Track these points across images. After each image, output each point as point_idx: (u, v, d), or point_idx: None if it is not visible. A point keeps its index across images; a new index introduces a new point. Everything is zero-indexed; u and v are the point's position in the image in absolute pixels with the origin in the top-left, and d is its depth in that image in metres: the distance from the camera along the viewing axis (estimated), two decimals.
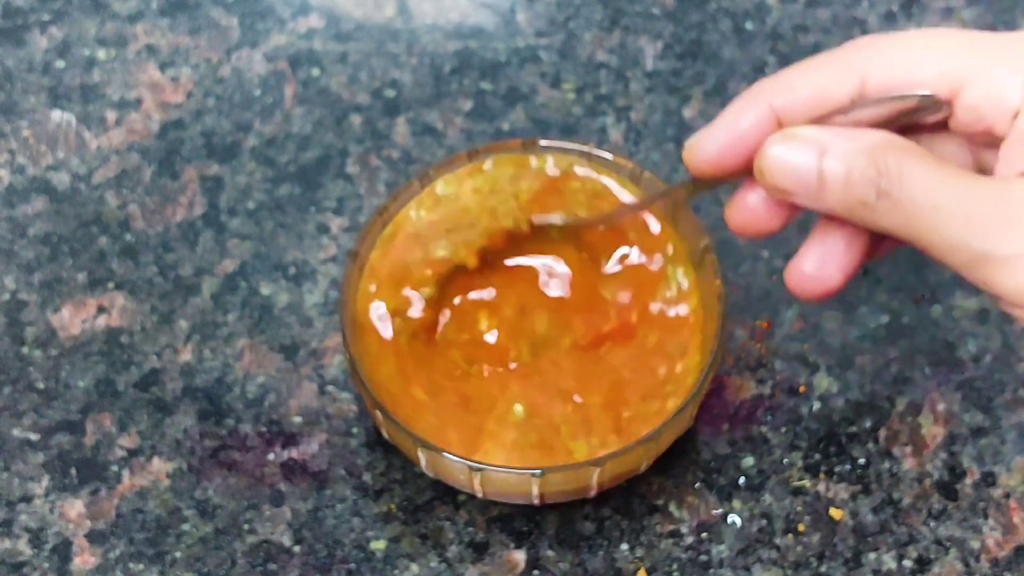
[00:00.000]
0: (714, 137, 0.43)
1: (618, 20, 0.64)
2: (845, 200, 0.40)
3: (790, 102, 0.42)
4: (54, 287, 0.56)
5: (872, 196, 0.40)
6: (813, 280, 0.43)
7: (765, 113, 0.42)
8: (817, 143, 0.40)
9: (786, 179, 0.41)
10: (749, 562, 0.50)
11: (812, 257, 0.43)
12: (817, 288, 0.43)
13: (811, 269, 0.43)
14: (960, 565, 0.50)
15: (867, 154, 0.40)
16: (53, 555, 0.50)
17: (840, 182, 0.40)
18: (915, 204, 0.39)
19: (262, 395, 0.54)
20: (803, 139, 0.41)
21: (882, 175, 0.39)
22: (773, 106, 0.42)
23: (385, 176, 0.59)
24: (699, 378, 0.48)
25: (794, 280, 0.44)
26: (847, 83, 0.41)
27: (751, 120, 0.42)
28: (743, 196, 0.44)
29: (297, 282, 0.56)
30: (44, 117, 0.61)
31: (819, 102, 0.42)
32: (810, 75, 0.42)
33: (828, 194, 0.40)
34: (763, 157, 0.41)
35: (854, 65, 0.42)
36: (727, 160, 0.43)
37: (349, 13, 0.64)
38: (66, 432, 0.53)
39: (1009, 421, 0.53)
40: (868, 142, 0.40)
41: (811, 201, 0.41)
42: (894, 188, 0.39)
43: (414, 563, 0.50)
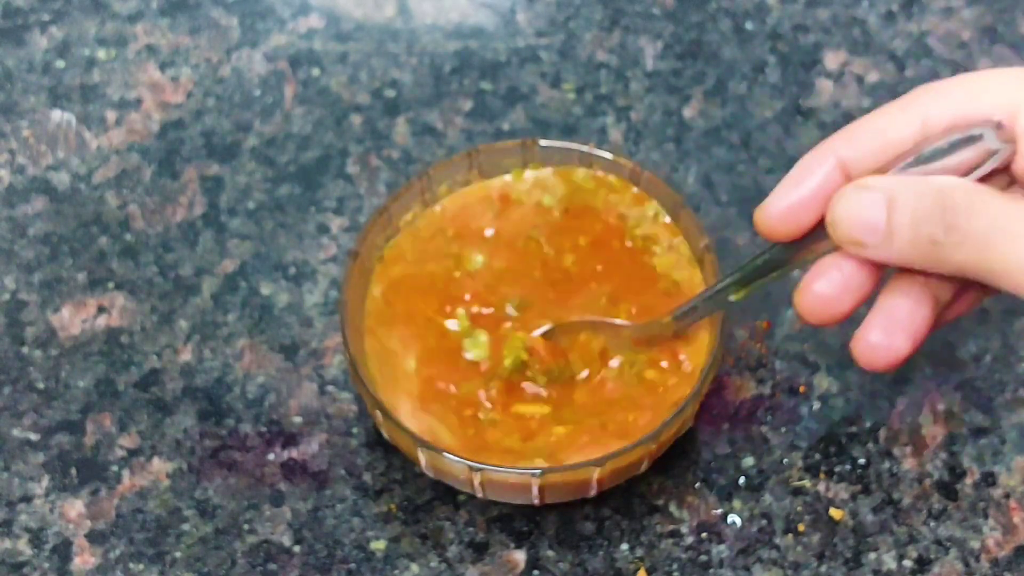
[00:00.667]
0: (786, 196, 0.43)
1: (618, 20, 0.64)
2: (915, 243, 0.40)
3: (855, 153, 0.42)
4: (54, 287, 0.56)
5: (940, 232, 0.40)
6: (881, 350, 0.43)
7: (833, 167, 0.43)
8: (885, 189, 0.41)
9: (856, 229, 0.41)
10: (749, 562, 0.50)
11: (879, 327, 0.43)
12: (886, 358, 0.43)
13: (878, 339, 0.43)
14: (960, 565, 0.50)
15: (933, 193, 0.40)
16: (53, 555, 0.50)
17: (908, 223, 0.40)
18: (984, 233, 0.39)
19: (262, 395, 0.54)
20: (871, 187, 0.41)
21: (948, 210, 0.40)
22: (840, 159, 0.43)
23: (385, 176, 0.59)
24: (699, 378, 0.48)
25: (861, 351, 0.44)
26: (909, 126, 0.42)
27: (819, 176, 0.43)
28: (810, 283, 0.44)
29: (297, 282, 0.56)
30: (44, 117, 0.61)
31: (883, 148, 0.42)
32: (872, 123, 0.43)
33: (897, 238, 0.41)
34: (833, 209, 0.42)
35: (915, 107, 0.42)
36: (800, 219, 0.43)
37: (349, 13, 0.64)
38: (66, 432, 0.53)
39: (1009, 421, 0.53)
40: (935, 184, 0.40)
41: (882, 250, 0.41)
42: (962, 221, 0.39)
43: (414, 563, 0.50)
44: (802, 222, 0.43)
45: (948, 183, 0.40)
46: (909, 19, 0.64)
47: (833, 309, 0.44)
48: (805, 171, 0.43)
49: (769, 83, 0.62)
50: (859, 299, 0.44)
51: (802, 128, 0.60)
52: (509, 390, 0.49)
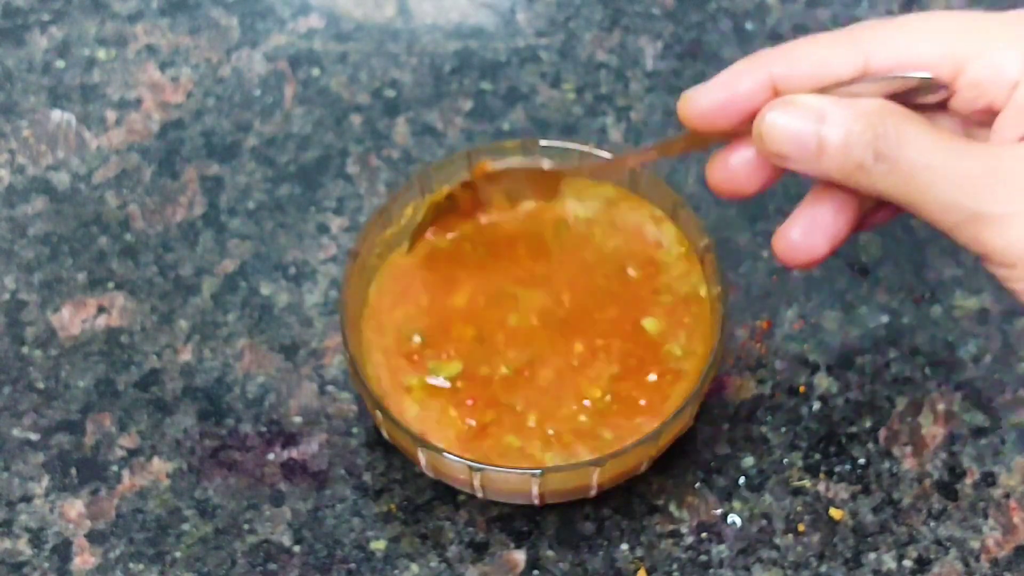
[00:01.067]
0: (710, 93, 0.44)
1: (618, 20, 0.64)
2: (843, 164, 0.41)
3: (791, 72, 0.43)
4: (54, 287, 0.56)
5: (870, 159, 0.40)
6: (799, 248, 0.44)
7: (764, 79, 0.43)
8: (816, 110, 0.41)
9: (785, 144, 0.42)
10: (749, 562, 0.50)
11: (800, 225, 0.44)
12: (803, 256, 0.45)
13: (798, 237, 0.44)
14: (960, 565, 0.50)
15: (865, 118, 0.41)
16: (53, 555, 0.50)
17: (838, 147, 0.41)
18: (911, 166, 0.40)
19: (262, 395, 0.54)
20: (803, 106, 0.42)
21: (879, 138, 0.40)
22: (773, 74, 0.43)
23: (385, 176, 0.59)
24: (699, 378, 0.48)
25: (781, 246, 0.45)
26: (850, 60, 0.42)
27: (749, 83, 0.43)
28: (725, 156, 0.45)
29: (297, 282, 0.56)
30: (44, 117, 0.61)
31: (820, 75, 0.42)
32: (813, 48, 0.43)
33: (826, 159, 0.41)
34: (762, 122, 0.42)
35: (858, 43, 0.42)
36: (720, 117, 0.44)
37: (349, 13, 0.64)
38: (66, 432, 0.53)
39: (1009, 421, 0.53)
40: (867, 108, 0.41)
41: (809, 166, 0.42)
42: (891, 150, 0.40)
43: (414, 563, 0.50)
44: (721, 123, 0.44)
45: (882, 107, 0.41)
46: None
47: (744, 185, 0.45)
48: (736, 75, 0.44)
49: None
50: (768, 180, 0.45)
51: None
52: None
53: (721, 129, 0.44)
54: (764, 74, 0.43)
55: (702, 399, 0.49)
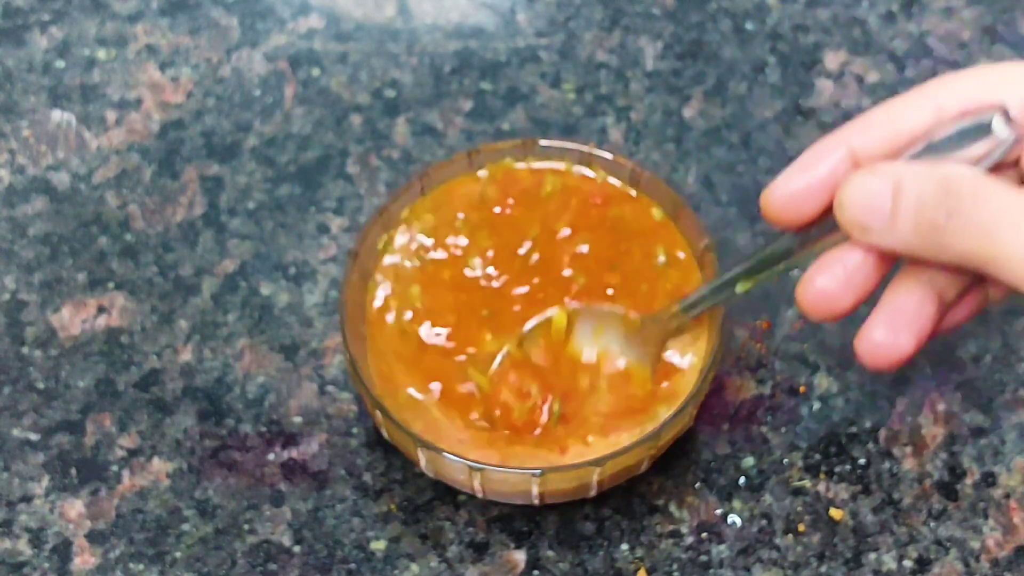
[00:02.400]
0: (793, 181, 0.43)
1: (618, 20, 0.64)
2: (917, 226, 0.40)
3: (866, 141, 0.42)
4: (54, 287, 0.56)
5: (943, 217, 0.40)
6: (885, 348, 0.43)
7: (843, 156, 0.43)
8: (892, 174, 0.41)
9: (862, 212, 0.41)
10: (749, 562, 0.50)
11: (883, 325, 0.43)
12: (889, 356, 0.43)
13: (882, 337, 0.43)
14: (960, 565, 0.50)
15: (937, 178, 0.40)
16: (53, 555, 0.50)
17: (912, 208, 0.40)
18: (988, 219, 0.39)
19: (262, 395, 0.54)
20: (878, 172, 0.41)
21: (952, 195, 0.40)
22: (852, 147, 0.43)
23: (385, 176, 0.59)
24: (699, 378, 0.48)
25: (865, 349, 0.43)
26: (921, 114, 0.42)
27: (829, 163, 0.43)
28: (812, 277, 0.44)
29: (297, 282, 0.56)
30: (44, 117, 0.61)
31: (895, 136, 0.42)
32: (885, 111, 0.43)
33: (901, 223, 0.41)
34: (841, 192, 0.42)
35: (928, 97, 0.42)
36: (805, 205, 0.43)
37: (349, 13, 0.64)
38: (66, 432, 0.53)
39: (1009, 421, 0.53)
40: (941, 170, 0.40)
41: (887, 235, 0.41)
42: (965, 207, 0.39)
43: (414, 563, 0.50)
44: (806, 209, 0.43)
45: (954, 170, 0.40)
46: (909, 19, 0.64)
47: (835, 305, 0.43)
48: (815, 157, 0.43)
49: (769, 83, 0.62)
50: (861, 296, 0.43)
51: (802, 128, 0.60)
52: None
53: (806, 218, 0.43)
54: (842, 150, 0.43)
55: (702, 399, 0.49)
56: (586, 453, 0.48)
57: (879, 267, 0.43)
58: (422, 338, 0.50)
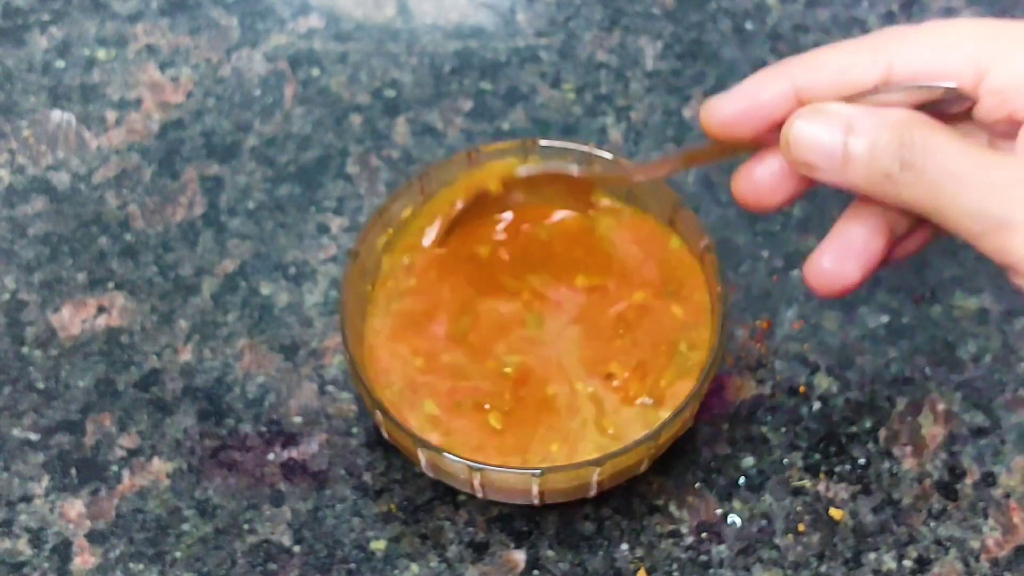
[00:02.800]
0: (733, 101, 0.44)
1: (618, 20, 0.64)
2: (869, 174, 0.41)
3: (814, 81, 0.43)
4: (54, 287, 0.56)
5: (896, 168, 0.40)
6: (832, 275, 0.44)
7: (787, 88, 0.43)
8: (843, 118, 0.41)
9: (812, 153, 0.42)
10: (749, 562, 0.50)
11: (831, 253, 0.44)
12: (836, 284, 0.44)
13: (830, 264, 0.44)
14: (960, 565, 0.50)
15: (892, 128, 0.41)
16: (53, 555, 0.50)
17: (865, 156, 0.41)
18: (938, 175, 0.40)
19: (262, 395, 0.54)
20: (830, 114, 0.42)
21: (906, 147, 0.40)
22: (796, 82, 0.43)
23: (385, 176, 0.59)
24: (699, 378, 0.48)
25: (812, 275, 0.45)
26: (873, 68, 0.42)
27: (772, 91, 0.43)
28: (751, 168, 0.45)
29: (297, 282, 0.56)
30: (44, 117, 0.61)
31: (843, 84, 0.42)
32: (836, 57, 0.43)
33: (852, 168, 0.41)
34: (789, 131, 0.42)
35: (881, 51, 0.42)
36: (742, 126, 0.44)
37: (349, 13, 0.64)
38: (66, 432, 0.53)
39: (1009, 421, 0.53)
40: (893, 118, 0.41)
41: (836, 176, 0.42)
42: (918, 159, 0.40)
43: (414, 563, 0.50)
44: (743, 132, 0.44)
45: (908, 117, 0.41)
46: (909, 19, 0.64)
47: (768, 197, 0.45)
48: (759, 84, 0.44)
49: None
50: (794, 193, 0.45)
51: None
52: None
53: (743, 137, 0.44)
54: (787, 82, 0.43)
55: (702, 399, 0.49)
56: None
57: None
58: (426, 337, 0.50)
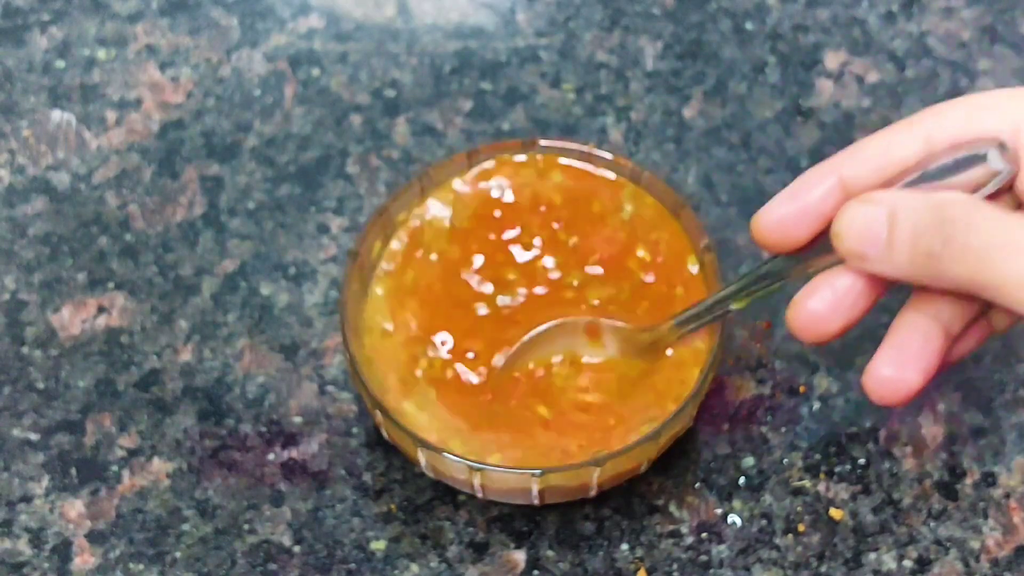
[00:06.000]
0: (781, 206, 0.44)
1: (618, 20, 0.64)
2: (913, 255, 0.41)
3: (858, 170, 0.43)
4: (54, 287, 0.56)
5: (938, 245, 0.40)
6: (893, 383, 0.43)
7: (833, 184, 0.43)
8: (887, 203, 0.41)
9: (859, 241, 0.42)
10: (749, 562, 0.50)
11: (889, 360, 0.44)
12: (898, 392, 0.43)
13: (890, 372, 0.43)
14: (960, 565, 0.50)
15: (933, 206, 0.40)
16: (53, 555, 0.50)
17: (907, 236, 0.41)
18: (983, 245, 0.39)
19: (262, 395, 0.54)
20: (874, 200, 0.42)
21: (947, 223, 0.40)
22: (842, 176, 0.43)
23: (385, 176, 0.59)
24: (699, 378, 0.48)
25: (873, 385, 0.44)
26: (912, 144, 0.42)
27: (819, 190, 0.43)
28: (804, 301, 0.44)
29: (297, 282, 0.56)
30: (44, 117, 0.61)
31: (886, 166, 0.42)
32: (876, 141, 0.43)
33: (897, 251, 0.41)
34: (838, 221, 0.42)
35: (919, 126, 0.42)
36: (794, 229, 0.44)
37: (349, 13, 0.64)
38: (66, 432, 0.53)
39: (1009, 421, 0.53)
40: (935, 197, 0.41)
41: (883, 263, 0.42)
42: (959, 234, 0.39)
43: (414, 563, 0.50)
44: (796, 235, 0.44)
45: (948, 197, 0.41)
46: (909, 19, 0.64)
47: (824, 327, 0.44)
48: (804, 184, 0.44)
49: (769, 83, 0.62)
50: (851, 319, 0.44)
51: (802, 128, 0.60)
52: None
53: (796, 243, 0.44)
54: (833, 179, 0.43)
55: (702, 399, 0.49)
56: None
57: (870, 291, 0.44)
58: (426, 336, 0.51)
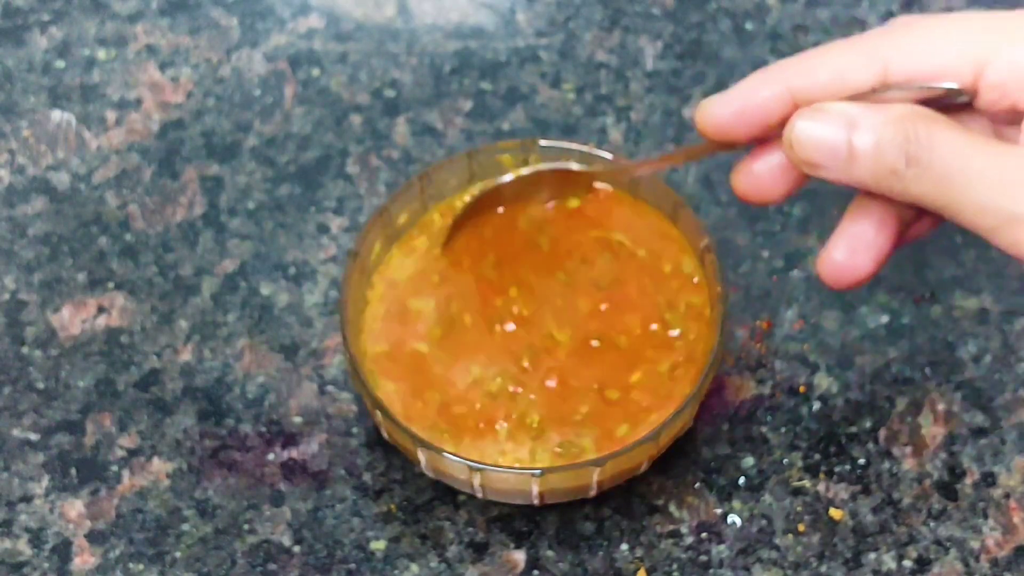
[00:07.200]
0: (727, 103, 0.44)
1: (618, 20, 0.64)
2: (875, 170, 0.41)
3: (808, 82, 0.43)
4: (54, 287, 0.56)
5: (902, 163, 0.40)
6: (845, 268, 0.44)
7: (782, 91, 0.43)
8: (846, 116, 0.41)
9: (816, 152, 0.42)
10: (749, 562, 0.50)
11: (842, 246, 0.44)
12: (849, 276, 0.44)
13: (842, 257, 0.44)
14: (960, 565, 0.50)
15: (896, 123, 0.40)
16: (53, 555, 0.50)
17: (870, 152, 0.41)
18: (945, 168, 0.39)
19: (262, 395, 0.54)
20: (833, 113, 0.41)
21: (911, 142, 0.40)
22: (790, 85, 0.43)
23: (385, 176, 0.59)
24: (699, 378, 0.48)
25: (826, 269, 0.44)
26: (869, 68, 0.42)
27: (766, 93, 0.43)
28: (750, 164, 0.45)
29: (297, 282, 0.56)
30: (44, 117, 0.61)
31: (839, 87, 0.42)
32: (831, 58, 0.43)
33: (858, 166, 0.41)
34: (792, 130, 0.42)
35: (876, 50, 0.42)
36: (737, 127, 0.44)
37: (349, 13, 0.64)
38: (66, 432, 0.53)
39: (1009, 421, 0.53)
40: (897, 113, 0.41)
41: (841, 174, 0.42)
42: (924, 154, 0.40)
43: (414, 563, 0.50)
44: (735, 133, 0.44)
45: (912, 111, 0.40)
46: None
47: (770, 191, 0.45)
48: (753, 85, 0.44)
49: None
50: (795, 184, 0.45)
51: None
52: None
53: (738, 139, 0.44)
54: (781, 85, 0.43)
55: (702, 399, 0.49)
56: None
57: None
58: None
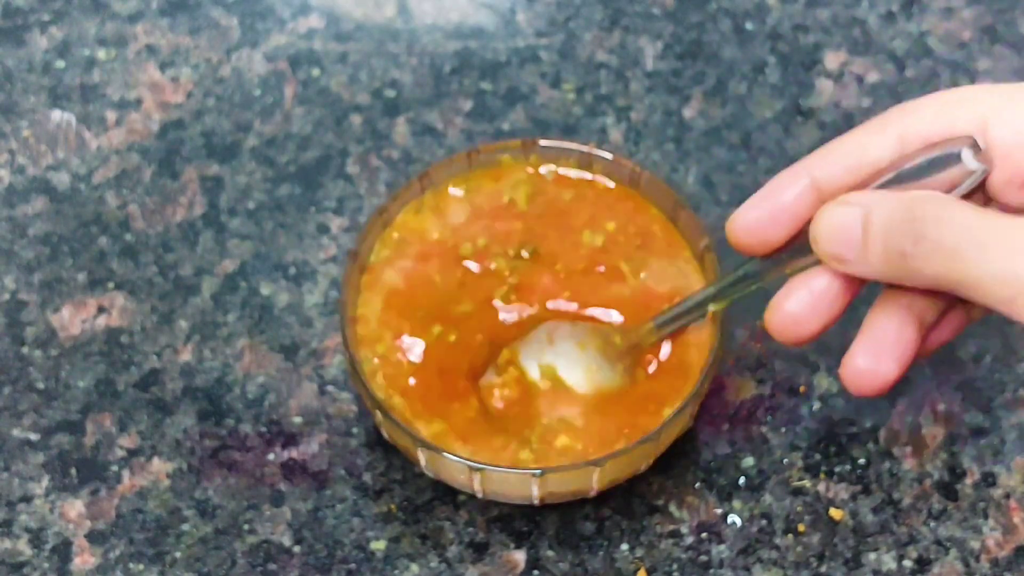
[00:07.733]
0: (755, 208, 0.44)
1: (618, 20, 0.64)
2: (887, 254, 0.40)
3: (830, 172, 0.43)
4: (54, 287, 0.56)
5: (909, 243, 0.40)
6: (868, 374, 0.43)
7: (805, 186, 0.43)
8: (861, 204, 0.41)
9: (836, 241, 0.42)
10: (749, 562, 0.50)
11: (865, 350, 0.43)
12: (874, 382, 0.43)
13: (865, 363, 0.43)
14: (960, 565, 0.50)
15: (904, 204, 0.40)
16: (53, 555, 0.50)
17: (880, 236, 0.40)
18: (956, 242, 0.39)
19: (262, 395, 0.54)
20: (848, 202, 0.42)
21: (917, 221, 0.40)
22: (814, 178, 0.43)
23: (385, 176, 0.59)
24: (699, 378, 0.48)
25: (850, 376, 0.44)
26: (884, 144, 0.42)
27: (792, 192, 0.43)
28: (780, 302, 0.44)
29: (297, 282, 0.56)
30: (44, 117, 0.61)
31: (859, 167, 0.42)
32: (848, 142, 0.43)
33: (871, 252, 0.41)
34: (816, 223, 0.42)
35: (890, 126, 0.42)
36: (768, 232, 0.44)
37: (349, 13, 0.64)
38: (66, 432, 0.53)
39: (1009, 421, 0.53)
40: (906, 196, 0.40)
41: (860, 264, 0.41)
42: (931, 230, 0.39)
43: (414, 563, 0.50)
44: (770, 237, 0.44)
45: (919, 195, 0.40)
46: (909, 19, 0.64)
47: (801, 328, 0.44)
48: (777, 186, 0.44)
49: (769, 83, 0.62)
50: (828, 319, 0.44)
51: (802, 128, 0.60)
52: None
53: (770, 245, 0.44)
54: (806, 180, 0.43)
55: (702, 399, 0.49)
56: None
57: (846, 291, 0.44)
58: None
